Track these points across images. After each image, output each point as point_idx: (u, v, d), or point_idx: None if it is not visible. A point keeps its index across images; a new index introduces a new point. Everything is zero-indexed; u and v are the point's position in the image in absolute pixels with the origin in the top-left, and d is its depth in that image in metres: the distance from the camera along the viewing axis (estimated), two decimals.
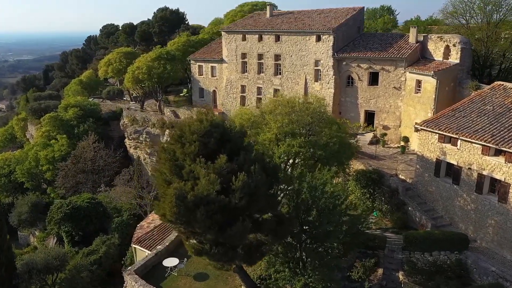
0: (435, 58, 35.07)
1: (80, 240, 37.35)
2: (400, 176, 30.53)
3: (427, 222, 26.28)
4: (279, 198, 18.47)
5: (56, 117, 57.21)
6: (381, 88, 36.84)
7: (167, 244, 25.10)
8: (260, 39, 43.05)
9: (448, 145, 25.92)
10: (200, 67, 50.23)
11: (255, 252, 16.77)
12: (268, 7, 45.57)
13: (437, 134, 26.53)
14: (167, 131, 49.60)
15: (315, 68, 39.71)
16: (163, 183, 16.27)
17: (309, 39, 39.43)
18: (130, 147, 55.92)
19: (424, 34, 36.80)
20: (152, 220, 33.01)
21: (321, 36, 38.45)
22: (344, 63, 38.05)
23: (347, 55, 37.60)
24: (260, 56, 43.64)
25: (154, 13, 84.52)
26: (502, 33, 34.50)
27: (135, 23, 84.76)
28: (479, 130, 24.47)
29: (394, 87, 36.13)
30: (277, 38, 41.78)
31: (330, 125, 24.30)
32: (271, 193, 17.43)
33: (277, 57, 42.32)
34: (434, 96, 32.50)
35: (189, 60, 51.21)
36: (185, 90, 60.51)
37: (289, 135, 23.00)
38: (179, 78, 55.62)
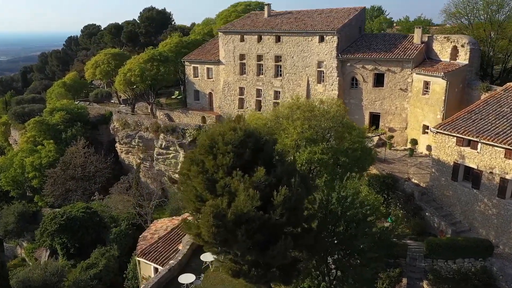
0: (441, 59, 34.58)
1: (76, 252, 35.46)
2: (413, 180, 29.82)
3: (447, 228, 25.57)
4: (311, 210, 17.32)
5: (42, 121, 54.72)
6: (387, 90, 36.14)
7: (179, 258, 23.63)
8: (260, 39, 41.84)
9: (467, 149, 25.26)
10: (195, 68, 48.66)
11: (292, 270, 15.55)
12: (266, 7, 44.40)
13: (455, 137, 25.86)
14: (161, 135, 47.91)
15: (317, 69, 38.75)
16: (194, 199, 14.89)
17: (311, 40, 38.44)
18: (122, 152, 53.91)
19: (428, 35, 36.27)
20: (155, 230, 31.42)
21: (325, 36, 37.51)
22: (348, 64, 37.20)
23: (352, 56, 36.77)
24: (259, 57, 42.42)
25: (140, 13, 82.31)
26: (508, 33, 34.13)
27: (119, 23, 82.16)
28: (501, 133, 23.88)
29: (400, 89, 35.48)
30: (278, 39, 40.66)
31: (350, 130, 23.28)
32: (306, 205, 16.28)
33: (277, 58, 41.19)
34: (443, 98, 31.94)
35: (183, 62, 49.56)
36: (176, 92, 58.81)
37: (310, 141, 21.86)
38: (172, 80, 53.87)
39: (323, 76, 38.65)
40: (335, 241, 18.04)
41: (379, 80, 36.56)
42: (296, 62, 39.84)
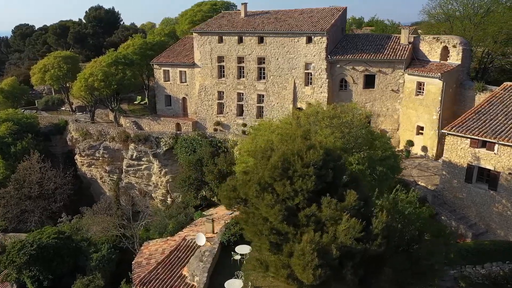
0: (431, 59, 34.63)
1: (50, 284, 30.93)
2: (419, 183, 29.35)
3: (466, 231, 25.22)
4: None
5: None
6: (378, 91, 35.59)
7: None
8: (241, 40, 39.57)
9: (483, 150, 25.06)
10: (166, 72, 45.20)
11: None
12: (242, 6, 42.16)
13: (469, 139, 25.58)
14: (132, 145, 43.94)
15: (305, 71, 37.33)
16: (268, 233, 12.53)
17: (298, 41, 36.92)
18: (83, 165, 48.97)
19: (414, 36, 36.26)
20: (150, 254, 28.06)
21: (313, 37, 36.16)
22: (338, 65, 36.16)
23: (342, 57, 35.77)
24: (240, 60, 40.15)
25: (86, 12, 76.22)
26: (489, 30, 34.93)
27: (65, 24, 75.36)
28: None
29: (392, 90, 35.08)
30: (261, 40, 38.67)
31: (379, 138, 21.99)
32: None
33: (260, 60, 39.20)
34: (440, 98, 31.87)
35: (152, 65, 45.88)
36: (139, 97, 54.60)
37: (342, 151, 20.18)
38: (139, 84, 49.87)
39: (311, 78, 37.29)
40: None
41: (369, 82, 35.92)
42: (282, 64, 38.12)
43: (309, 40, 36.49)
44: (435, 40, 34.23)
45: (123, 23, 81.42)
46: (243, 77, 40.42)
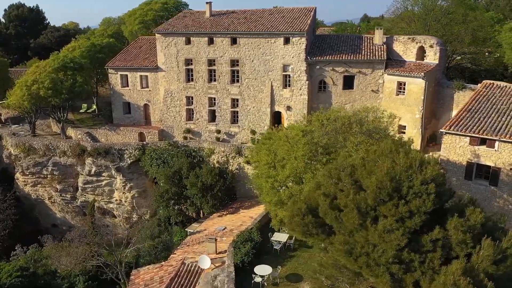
0: (406, 59, 35.19)
1: None
2: None
3: None
4: None
5: None
6: (358, 92, 35.42)
7: None
8: (211, 42, 37.08)
9: (483, 147, 25.68)
10: (123, 77, 41.05)
11: None
12: (207, 6, 39.60)
13: (468, 137, 26.09)
14: (89, 160, 39.31)
15: (283, 73, 35.98)
16: (386, 263, 10.92)
17: (275, 42, 35.46)
18: (26, 185, 42.97)
19: (387, 36, 36.66)
20: (146, 285, 24.69)
21: (291, 38, 34.92)
22: (317, 67, 35.34)
23: (321, 58, 35.01)
24: (211, 62, 37.64)
25: (6, 10, 67.62)
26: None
27: None
28: None
29: (372, 90, 35.09)
30: (233, 41, 36.55)
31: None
32: None
33: (234, 62, 37.06)
34: (423, 98, 32.43)
35: (107, 69, 41.41)
36: (84, 105, 49.20)
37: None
38: (90, 91, 44.85)
39: (289, 80, 36.05)
40: None
41: (348, 83, 35.60)
42: (257, 66, 36.38)
43: (286, 41, 35.19)
44: (410, 40, 34.83)
45: (49, 23, 73.79)
46: (215, 80, 37.98)
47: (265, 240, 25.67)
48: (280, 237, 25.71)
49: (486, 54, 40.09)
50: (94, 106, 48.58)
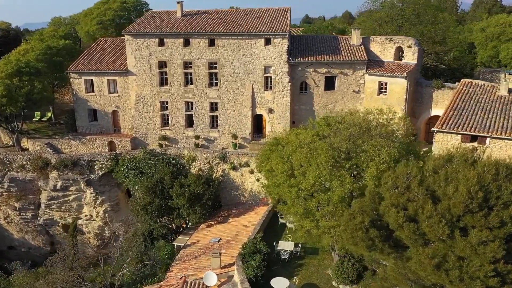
0: (384, 60, 35.72)
1: None
2: None
3: None
4: None
5: None
6: (339, 93, 35.39)
7: None
8: (187, 43, 35.21)
9: (474, 144, 26.50)
10: (88, 82, 37.85)
11: None
12: (178, 5, 37.61)
13: (460, 135, 26.84)
14: (54, 173, 35.84)
15: (264, 75, 35.03)
16: (483, 276, 10.42)
17: (255, 43, 34.40)
18: None
19: (363, 36, 37.01)
20: None
21: (272, 39, 34.05)
22: (299, 68, 34.80)
23: (303, 59, 34.51)
24: (187, 65, 35.77)
25: None
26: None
27: None
28: (506, 127, 25.85)
29: (353, 91, 35.22)
30: (211, 43, 34.98)
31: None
32: None
33: (212, 64, 35.49)
34: (405, 97, 33.07)
35: (69, 74, 37.95)
36: (37, 113, 44.92)
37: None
38: (51, 98, 40.87)
39: (271, 82, 35.18)
40: None
41: (330, 84, 35.47)
42: (237, 68, 35.12)
43: (267, 42, 34.28)
44: (388, 41, 35.39)
45: None
46: (191, 84, 36.15)
47: (271, 250, 24.67)
48: (286, 245, 24.86)
49: (452, 54, 41.94)
50: (50, 114, 44.55)
